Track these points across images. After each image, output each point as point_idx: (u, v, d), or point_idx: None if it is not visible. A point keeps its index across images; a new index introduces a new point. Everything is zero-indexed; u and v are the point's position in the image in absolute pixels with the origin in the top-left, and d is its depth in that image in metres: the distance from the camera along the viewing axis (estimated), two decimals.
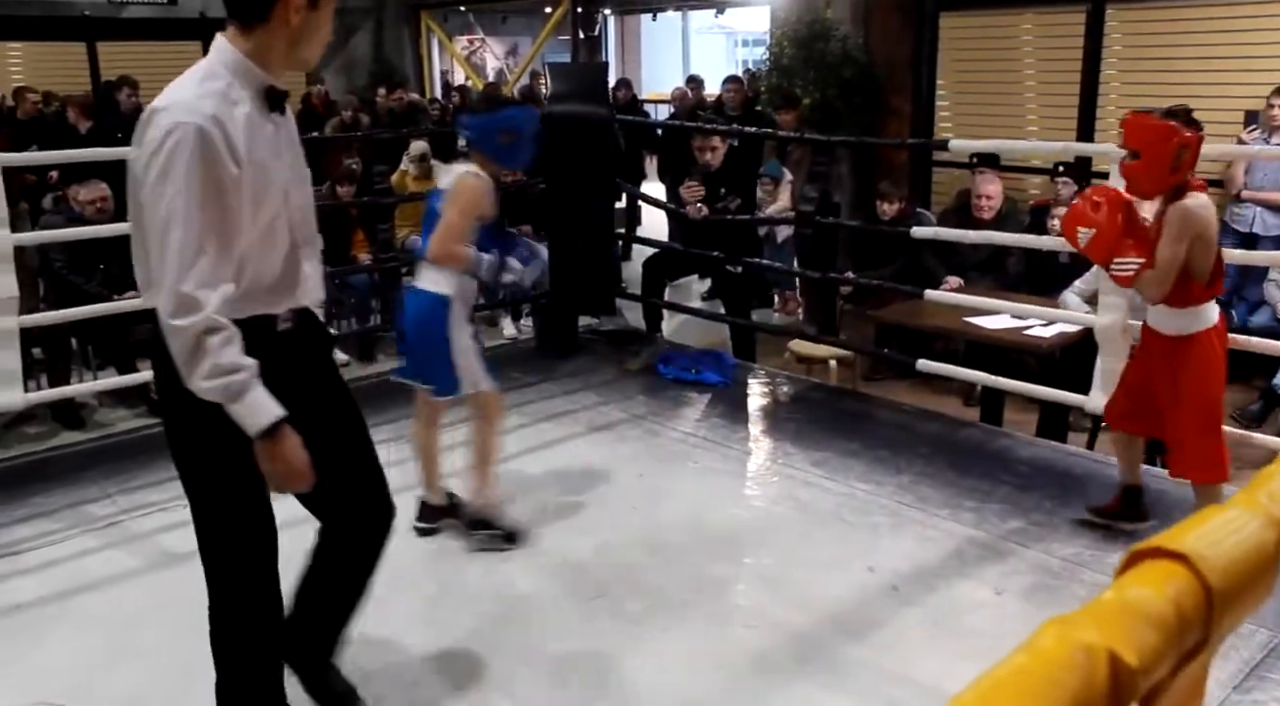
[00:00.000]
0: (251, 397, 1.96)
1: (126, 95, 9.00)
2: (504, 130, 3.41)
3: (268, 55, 2.05)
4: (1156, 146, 3.06)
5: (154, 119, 1.93)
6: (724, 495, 4.00)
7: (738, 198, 5.44)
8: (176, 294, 1.91)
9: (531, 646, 3.02)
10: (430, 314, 3.40)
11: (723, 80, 8.08)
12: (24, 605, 3.28)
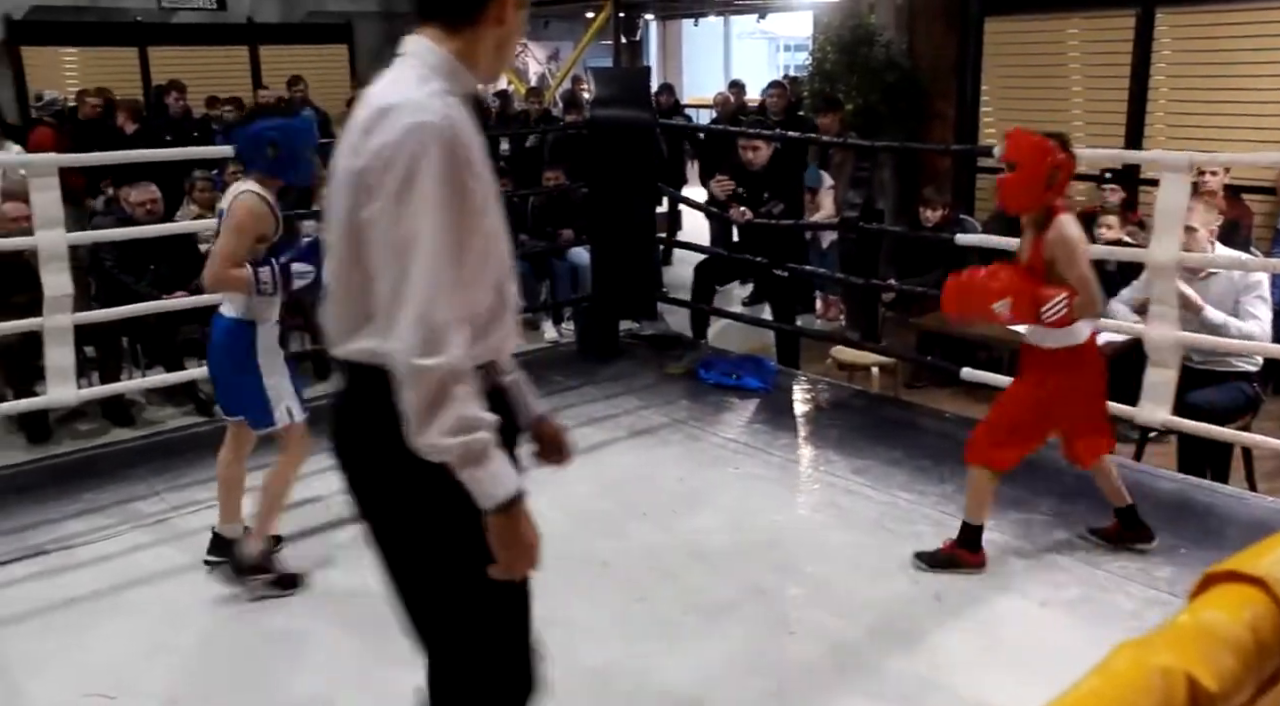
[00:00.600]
0: (493, 462, 1.65)
1: (175, 98, 9.13)
2: (270, 142, 3.16)
3: (476, 59, 1.77)
4: (1035, 160, 3.14)
5: (387, 119, 1.63)
6: (765, 501, 3.99)
7: (781, 202, 5.42)
8: (425, 329, 1.58)
9: (572, 651, 3.03)
10: (233, 340, 3.23)
11: (765, 85, 8.06)
12: (76, 598, 3.34)
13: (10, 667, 2.97)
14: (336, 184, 1.71)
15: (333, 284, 1.77)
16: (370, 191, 1.63)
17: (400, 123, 1.61)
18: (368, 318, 1.69)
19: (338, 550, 3.58)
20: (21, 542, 3.68)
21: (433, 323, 1.59)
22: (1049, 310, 3.15)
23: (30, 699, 2.83)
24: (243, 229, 3.12)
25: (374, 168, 1.62)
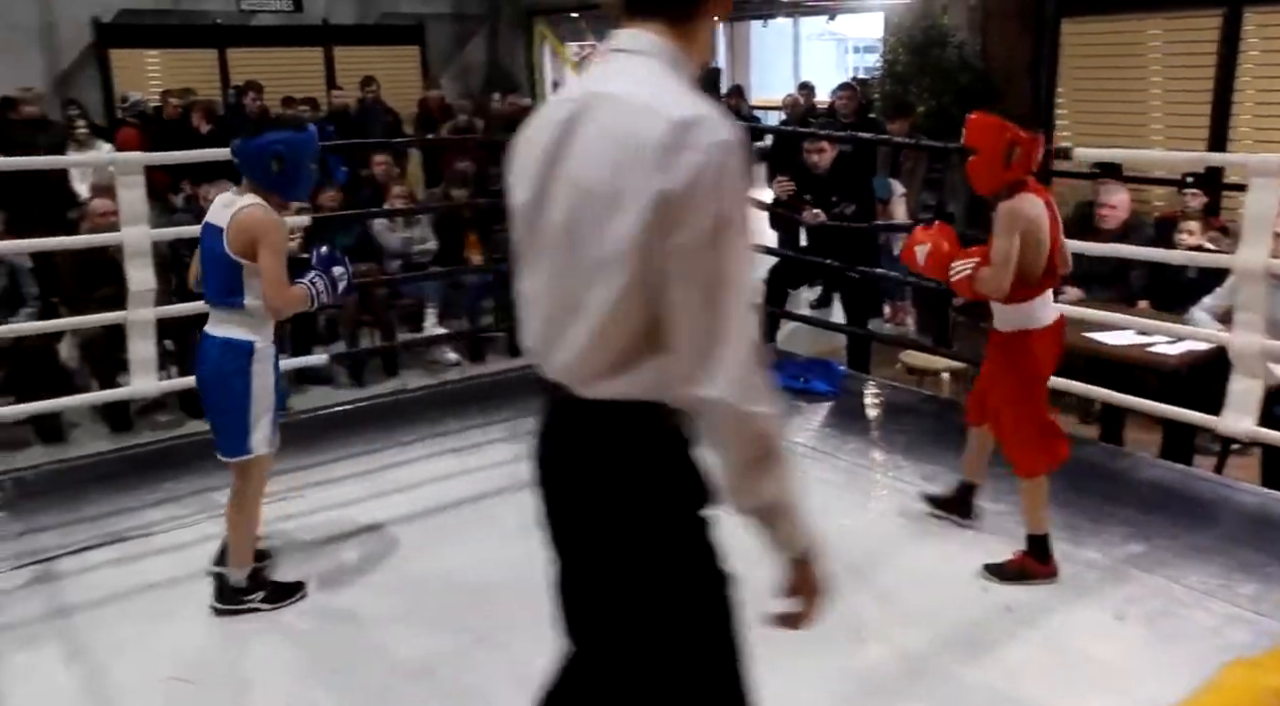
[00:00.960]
0: (799, 508, 1.57)
1: (251, 98, 9.33)
2: (275, 156, 3.03)
3: (692, 54, 1.60)
4: (991, 141, 3.21)
5: (690, 136, 1.42)
6: (833, 506, 3.94)
7: (853, 204, 5.37)
8: (748, 373, 1.44)
9: None
10: (231, 363, 3.10)
11: (835, 87, 7.99)
12: (154, 584, 3.43)
13: (92, 651, 3.06)
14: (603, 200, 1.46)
15: (572, 311, 1.53)
16: (680, 219, 1.41)
17: (705, 141, 1.42)
18: (640, 353, 1.50)
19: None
20: (102, 529, 3.79)
21: (754, 367, 1.45)
22: (955, 269, 3.30)
23: (111, 681, 2.91)
24: (282, 246, 3.06)
25: (688, 192, 1.41)
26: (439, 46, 12.27)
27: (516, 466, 4.14)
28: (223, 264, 3.03)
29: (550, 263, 1.56)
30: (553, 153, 1.54)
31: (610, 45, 1.60)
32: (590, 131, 1.50)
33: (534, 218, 1.58)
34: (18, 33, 9.85)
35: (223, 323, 3.11)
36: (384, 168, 7.00)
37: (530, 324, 1.63)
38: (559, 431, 1.62)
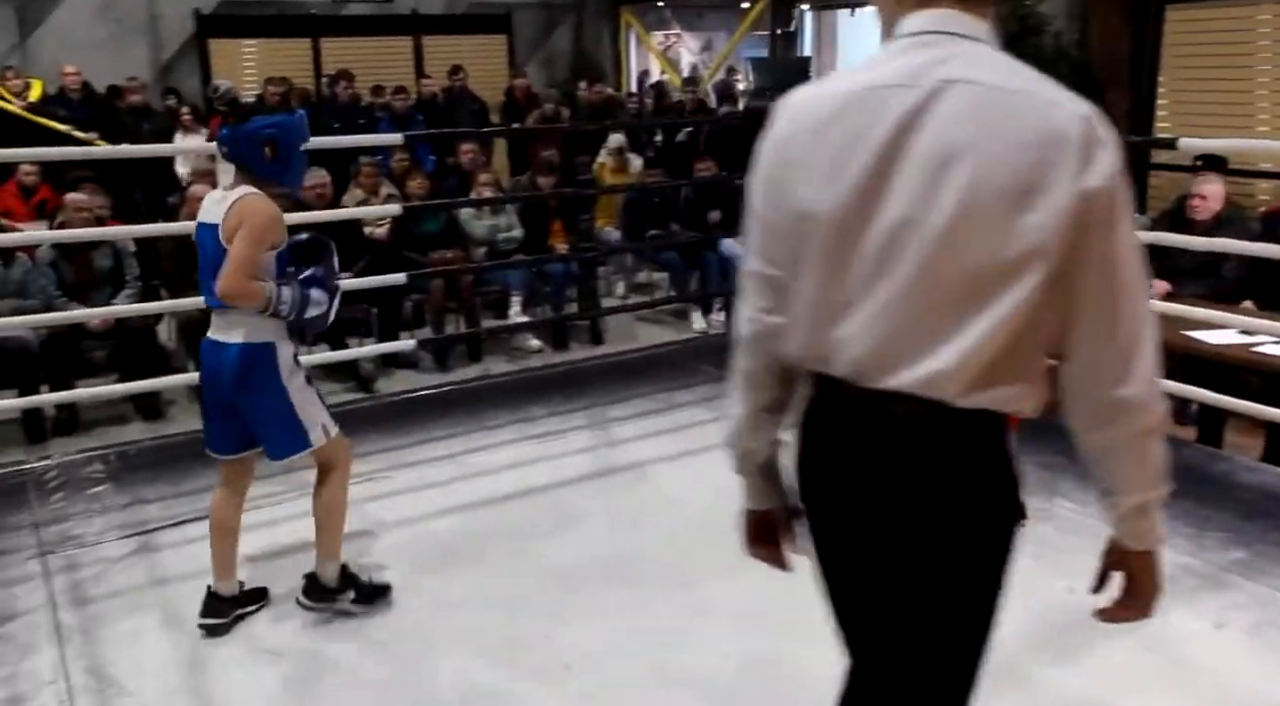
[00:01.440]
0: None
1: (343, 87, 9.51)
2: (267, 141, 2.88)
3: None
4: None
5: (1100, 131, 1.39)
6: None
7: None
8: (1154, 374, 1.46)
9: (728, 639, 3.03)
10: (252, 365, 2.93)
11: None
12: (251, 558, 3.52)
13: (190, 620, 3.15)
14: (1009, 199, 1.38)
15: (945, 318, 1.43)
16: (1096, 217, 1.38)
17: (1109, 137, 1.39)
18: (1019, 357, 1.44)
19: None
20: (200, 504, 3.88)
21: (1156, 367, 1.45)
22: None
23: (206, 654, 3.01)
24: (263, 236, 2.85)
25: (1105, 190, 1.38)
26: (526, 35, 12.36)
27: (597, 453, 4.21)
28: (220, 260, 2.82)
29: (895, 266, 1.44)
30: (895, 146, 1.42)
31: (912, 28, 1.49)
32: (963, 124, 1.40)
33: (858, 218, 1.45)
34: (125, 25, 10.19)
35: (234, 327, 2.92)
36: (471, 156, 7.09)
37: (850, 334, 1.49)
38: (905, 444, 1.50)
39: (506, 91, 10.24)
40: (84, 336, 5.40)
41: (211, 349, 2.98)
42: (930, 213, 1.40)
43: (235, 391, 2.96)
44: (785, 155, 1.53)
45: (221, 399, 3.00)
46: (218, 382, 2.98)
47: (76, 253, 5.50)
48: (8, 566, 3.49)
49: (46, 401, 4.99)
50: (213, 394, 3.04)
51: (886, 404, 1.48)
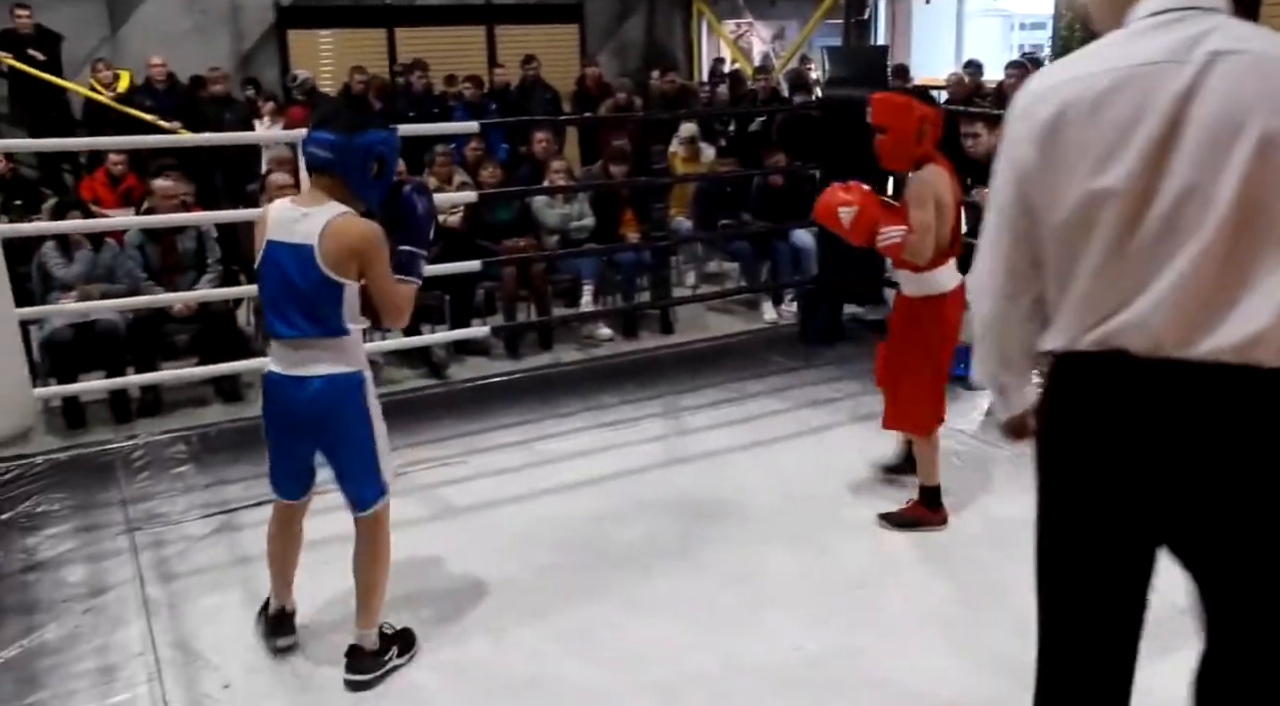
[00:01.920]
0: None
1: (417, 77, 9.61)
2: (377, 157, 2.60)
3: None
4: (902, 119, 3.35)
5: None
6: (994, 496, 3.84)
7: None
8: None
9: (791, 635, 3.01)
10: (341, 399, 2.65)
11: (1005, 65, 7.69)
12: (326, 539, 3.57)
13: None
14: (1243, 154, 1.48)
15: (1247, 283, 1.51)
16: None
17: None
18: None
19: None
20: None
21: None
22: (886, 235, 3.33)
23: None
24: (387, 260, 2.63)
25: None
26: (598, 24, 12.37)
27: (669, 442, 4.20)
28: (318, 287, 2.55)
29: (1189, 236, 1.51)
30: (1176, 120, 1.51)
31: (1155, 6, 1.58)
32: (1243, 91, 1.48)
33: (1144, 194, 1.53)
34: (209, 16, 10.41)
35: (317, 359, 2.61)
36: (544, 145, 7.11)
37: (1145, 309, 1.55)
38: (1228, 412, 1.54)
39: (578, 81, 10.25)
40: (168, 320, 5.54)
41: (286, 384, 2.64)
42: (1220, 179, 1.48)
43: (319, 430, 2.69)
44: (1058, 138, 1.59)
45: (298, 439, 2.73)
46: (294, 421, 2.68)
47: (163, 236, 5.64)
48: (99, 541, 3.60)
49: (132, 383, 5.13)
50: (287, 433, 2.73)
51: (1196, 374, 1.53)
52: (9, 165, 6.96)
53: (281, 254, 2.57)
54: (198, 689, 2.79)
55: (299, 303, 2.57)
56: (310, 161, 2.61)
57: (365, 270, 2.57)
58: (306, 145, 2.63)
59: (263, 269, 2.62)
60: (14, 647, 2.97)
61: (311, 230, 2.52)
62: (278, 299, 2.60)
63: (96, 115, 8.63)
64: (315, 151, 2.59)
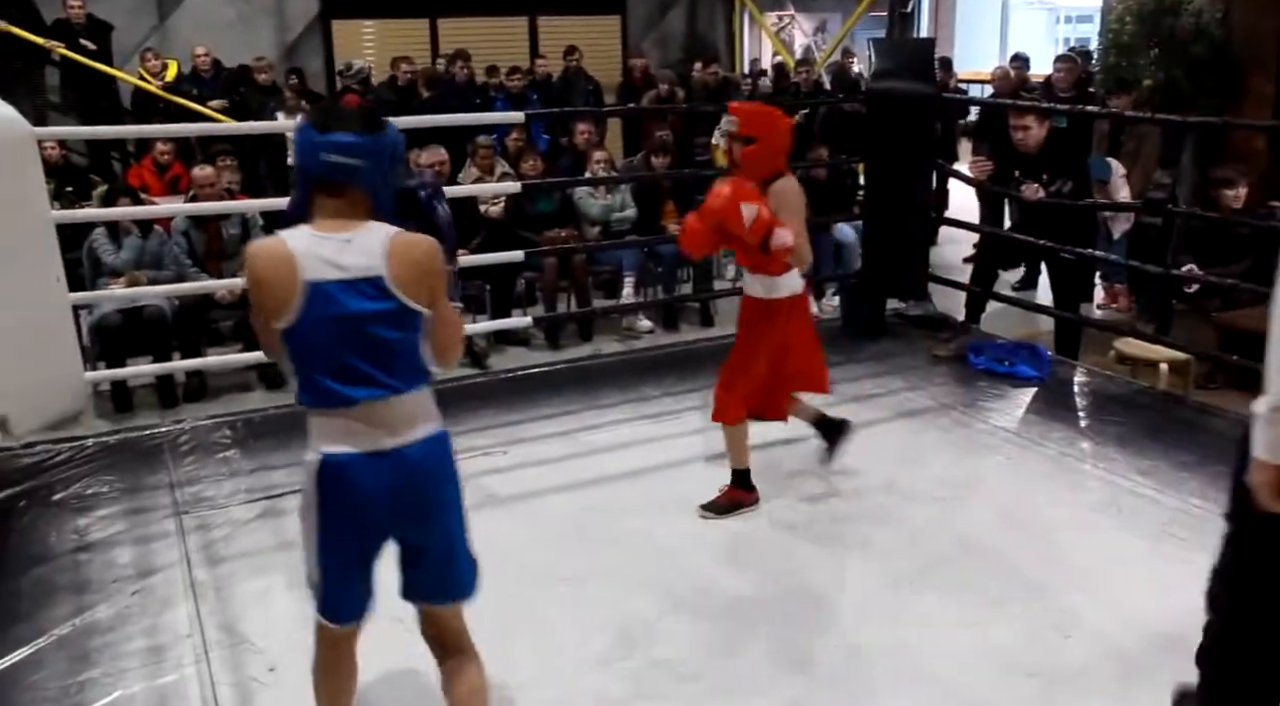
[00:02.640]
0: None
1: (460, 67, 9.63)
2: (401, 155, 2.15)
3: None
4: (773, 130, 3.45)
5: None
6: (1038, 494, 3.79)
7: (1070, 181, 5.07)
8: None
9: (832, 629, 3.00)
10: (443, 467, 2.12)
11: (1054, 59, 7.58)
12: None
13: None
14: None
15: None
16: None
17: None
18: None
19: None
20: None
21: None
22: (779, 237, 3.29)
23: None
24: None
25: None
26: (640, 16, 12.33)
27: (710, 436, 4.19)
28: (400, 323, 2.01)
29: None
30: None
31: None
32: None
33: None
34: (254, 6, 10.50)
35: (412, 419, 2.05)
36: (586, 136, 7.11)
37: None
38: None
39: (625, 71, 10.23)
40: (213, 306, 5.61)
41: (369, 466, 2.02)
42: None
43: (417, 513, 2.10)
44: None
45: (378, 535, 2.12)
46: (379, 512, 2.06)
47: (208, 223, 5.72)
48: (148, 523, 3.65)
49: (178, 368, 5.20)
50: (363, 533, 2.10)
51: None
52: (61, 153, 7.07)
53: (338, 294, 1.96)
54: (244, 671, 2.82)
55: (378, 350, 1.99)
56: (326, 174, 2.01)
57: (434, 295, 2.06)
58: (315, 154, 2.00)
59: (304, 325, 1.96)
60: (66, 625, 3.03)
61: (370, 254, 1.98)
62: (341, 354, 1.98)
63: (145, 104, 8.74)
64: (335, 160, 1.99)
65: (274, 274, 1.97)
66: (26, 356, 3.73)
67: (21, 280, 3.73)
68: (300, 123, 2.04)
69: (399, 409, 2.03)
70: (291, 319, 1.97)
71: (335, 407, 2.01)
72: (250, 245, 2.05)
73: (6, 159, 3.69)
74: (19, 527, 3.63)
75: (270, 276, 1.98)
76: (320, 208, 2.03)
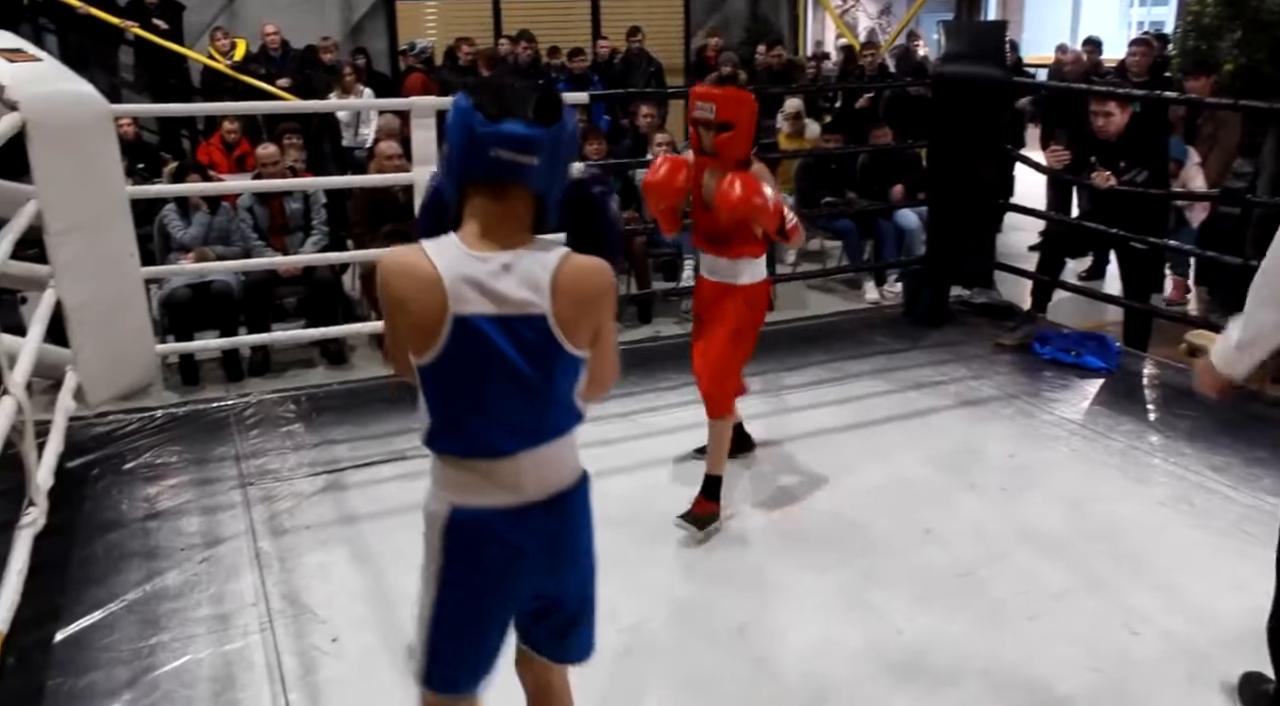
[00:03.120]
0: None
1: (522, 48, 9.65)
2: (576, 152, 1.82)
3: None
4: (747, 117, 3.30)
5: None
6: (1104, 488, 3.72)
7: (1144, 170, 4.95)
8: None
9: (889, 618, 2.97)
10: (586, 517, 1.89)
11: (1129, 42, 7.40)
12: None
13: (376, 556, 3.30)
14: None
15: None
16: None
17: None
18: None
19: None
20: (386, 447, 4.08)
21: None
22: (790, 219, 3.28)
23: (391, 585, 3.13)
24: None
25: None
26: None
27: (770, 421, 4.17)
28: (561, 369, 1.72)
29: None
30: None
31: None
32: None
33: None
34: None
35: (561, 466, 1.81)
36: (649, 118, 7.09)
37: None
38: None
39: (697, 50, 10.18)
40: (279, 282, 5.69)
41: (520, 520, 1.76)
42: None
43: (567, 565, 1.86)
44: None
45: (517, 593, 1.84)
46: (525, 567, 1.80)
47: (271, 200, 5.80)
48: (215, 494, 3.73)
49: (244, 343, 5.29)
50: (504, 592, 1.83)
51: None
52: (134, 130, 7.21)
53: (490, 333, 1.65)
54: (307, 640, 2.87)
55: (533, 397, 1.71)
56: (493, 173, 1.65)
57: (600, 331, 1.76)
58: (482, 148, 1.62)
59: (447, 362, 1.67)
60: (137, 590, 3.10)
61: (534, 287, 1.66)
62: (490, 399, 1.70)
63: (214, 82, 8.89)
64: (507, 158, 1.63)
65: (416, 300, 1.64)
66: (101, 329, 3.82)
67: (99, 254, 3.81)
68: (460, 103, 1.65)
69: (548, 458, 1.76)
70: (433, 355, 1.66)
71: (477, 458, 1.73)
72: (385, 258, 1.67)
73: (86, 136, 3.76)
74: (93, 494, 3.73)
75: (411, 301, 1.65)
76: (475, 212, 1.68)
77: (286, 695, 2.64)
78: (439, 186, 1.81)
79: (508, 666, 1.98)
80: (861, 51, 9.72)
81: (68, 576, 3.18)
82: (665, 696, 2.64)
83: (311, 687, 2.68)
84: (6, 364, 2.73)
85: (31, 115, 3.46)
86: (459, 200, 1.71)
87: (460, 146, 1.65)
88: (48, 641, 2.85)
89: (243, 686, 2.68)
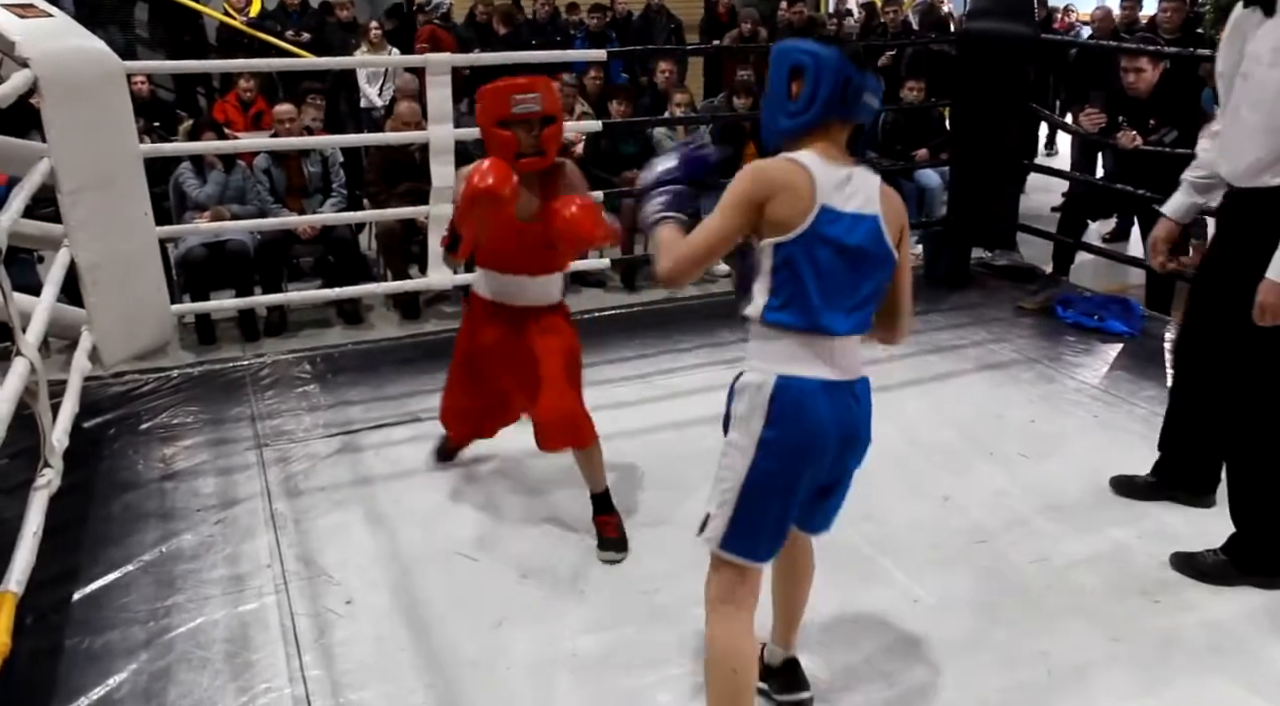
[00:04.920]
0: None
1: (540, 4, 9.52)
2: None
3: None
4: (560, 105, 3.03)
5: None
6: (1128, 455, 3.65)
7: (1174, 130, 4.84)
8: None
9: (902, 583, 2.94)
10: (871, 411, 2.18)
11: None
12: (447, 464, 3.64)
13: (390, 518, 3.30)
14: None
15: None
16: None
17: None
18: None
19: None
20: (401, 408, 4.07)
21: None
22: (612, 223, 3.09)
23: (405, 548, 3.14)
24: None
25: None
26: None
27: None
28: (884, 269, 2.05)
29: None
30: None
31: None
32: None
33: None
34: None
35: (859, 357, 2.08)
36: (668, 75, 6.99)
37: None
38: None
39: (707, 5, 10.03)
40: (295, 242, 5.67)
41: (846, 395, 2.05)
42: None
43: (852, 448, 2.13)
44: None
45: (823, 466, 2.09)
46: (839, 441, 2.07)
47: (288, 160, 5.76)
48: (231, 454, 3.73)
49: (260, 303, 5.27)
50: (818, 463, 2.07)
51: None
52: (149, 88, 7.17)
53: (843, 224, 1.97)
54: (321, 602, 2.87)
55: (863, 289, 2.02)
56: (858, 115, 2.04)
57: (902, 237, 2.10)
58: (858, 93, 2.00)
59: (806, 242, 1.95)
60: (153, 551, 3.11)
61: (870, 196, 2.00)
62: (835, 283, 1.98)
63: (229, 39, 8.82)
64: (872, 103, 2.05)
65: (795, 182, 1.95)
66: (117, 289, 3.80)
67: (113, 214, 3.79)
68: (830, 54, 1.99)
69: (855, 347, 2.06)
70: (796, 233, 1.96)
71: (813, 334, 2.00)
72: (761, 162, 2.01)
73: (98, 93, 3.72)
74: (109, 454, 3.73)
75: (792, 183, 1.95)
76: (822, 138, 2.02)
77: (301, 656, 2.65)
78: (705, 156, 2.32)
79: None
80: (884, 8, 9.53)
81: (84, 536, 3.19)
82: (685, 662, 2.63)
83: (325, 649, 2.68)
84: (20, 324, 2.71)
85: (43, 72, 3.42)
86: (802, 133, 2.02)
87: (834, 89, 1.98)
88: (65, 601, 2.86)
89: (257, 647, 2.69)
